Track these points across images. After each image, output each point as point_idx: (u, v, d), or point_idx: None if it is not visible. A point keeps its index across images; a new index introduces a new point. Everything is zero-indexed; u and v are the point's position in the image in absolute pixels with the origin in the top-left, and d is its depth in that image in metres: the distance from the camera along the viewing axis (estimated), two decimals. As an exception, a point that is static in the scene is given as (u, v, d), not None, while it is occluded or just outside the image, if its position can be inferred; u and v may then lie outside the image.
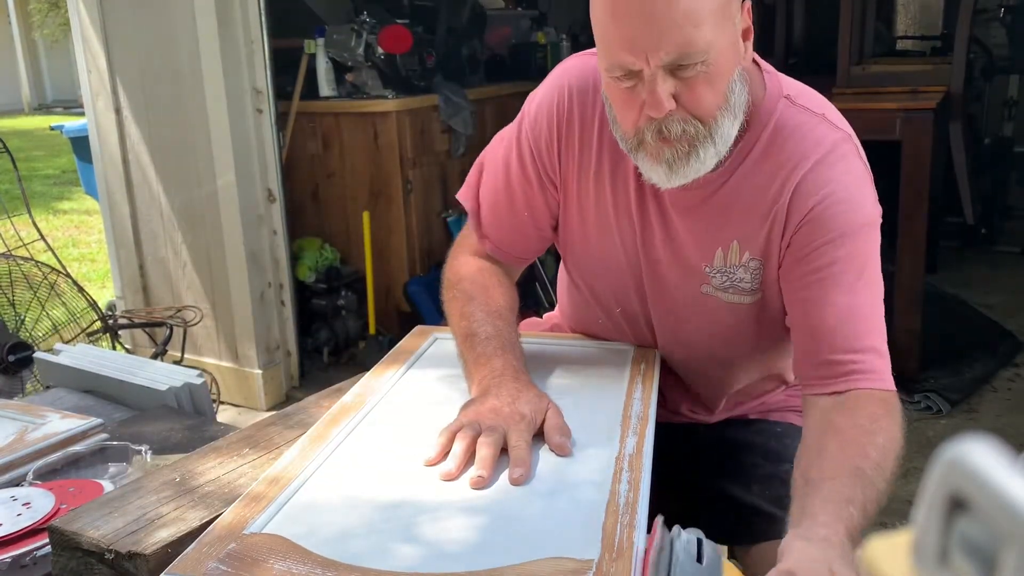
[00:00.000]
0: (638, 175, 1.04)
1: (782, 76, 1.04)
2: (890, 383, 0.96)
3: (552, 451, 0.91)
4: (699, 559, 0.72)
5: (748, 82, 0.97)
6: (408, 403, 1.04)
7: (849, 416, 0.92)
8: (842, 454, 0.88)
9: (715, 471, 1.20)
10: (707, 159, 0.94)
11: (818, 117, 1.01)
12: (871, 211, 0.99)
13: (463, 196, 1.21)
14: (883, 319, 0.99)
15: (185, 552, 0.72)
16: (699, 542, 0.74)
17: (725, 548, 0.85)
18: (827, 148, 0.98)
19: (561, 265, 1.30)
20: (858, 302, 0.96)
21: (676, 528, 0.76)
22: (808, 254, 0.98)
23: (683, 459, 1.18)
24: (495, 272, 1.17)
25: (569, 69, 1.11)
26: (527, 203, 1.14)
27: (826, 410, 0.94)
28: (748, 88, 0.96)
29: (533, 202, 1.14)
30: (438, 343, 1.24)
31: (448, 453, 0.88)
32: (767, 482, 1.14)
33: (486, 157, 1.20)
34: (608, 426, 0.96)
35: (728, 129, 0.94)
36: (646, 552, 0.73)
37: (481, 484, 0.83)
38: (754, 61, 1.02)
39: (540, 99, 1.12)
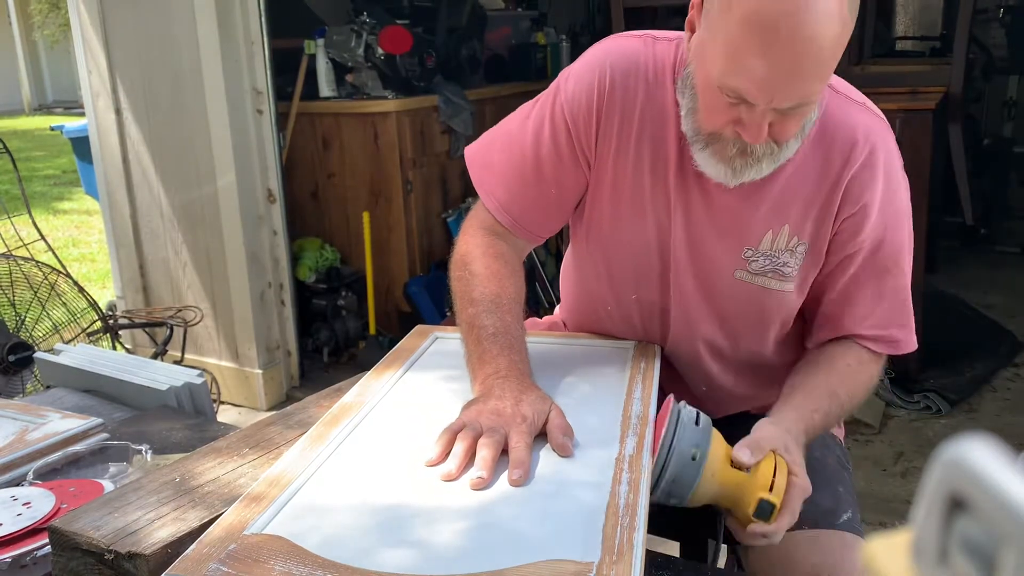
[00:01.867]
0: (680, 159, 1.06)
1: None
2: (899, 349, 1.11)
3: (555, 451, 0.91)
4: (697, 423, 0.92)
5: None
6: (408, 403, 1.04)
7: (844, 356, 1.09)
8: (825, 377, 1.07)
9: None
10: (766, 170, 1.00)
11: (859, 105, 1.07)
12: (907, 200, 1.08)
13: (479, 178, 1.20)
14: (909, 297, 1.11)
15: (186, 553, 0.72)
16: (698, 412, 0.93)
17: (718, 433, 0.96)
18: (875, 141, 1.04)
19: (568, 253, 1.29)
20: (889, 287, 1.08)
21: (682, 402, 0.95)
22: (853, 242, 1.06)
23: None
24: (506, 256, 1.15)
25: (611, 50, 1.10)
26: (556, 179, 1.13)
27: (829, 347, 1.11)
28: None
29: (562, 178, 1.13)
30: (439, 342, 1.24)
31: (449, 453, 0.88)
32: None
33: (501, 135, 1.19)
34: (608, 426, 0.96)
35: (793, 147, 0.99)
36: (657, 420, 0.95)
37: (481, 485, 0.83)
38: None
39: (579, 76, 1.10)
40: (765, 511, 0.88)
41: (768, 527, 0.89)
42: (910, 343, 1.12)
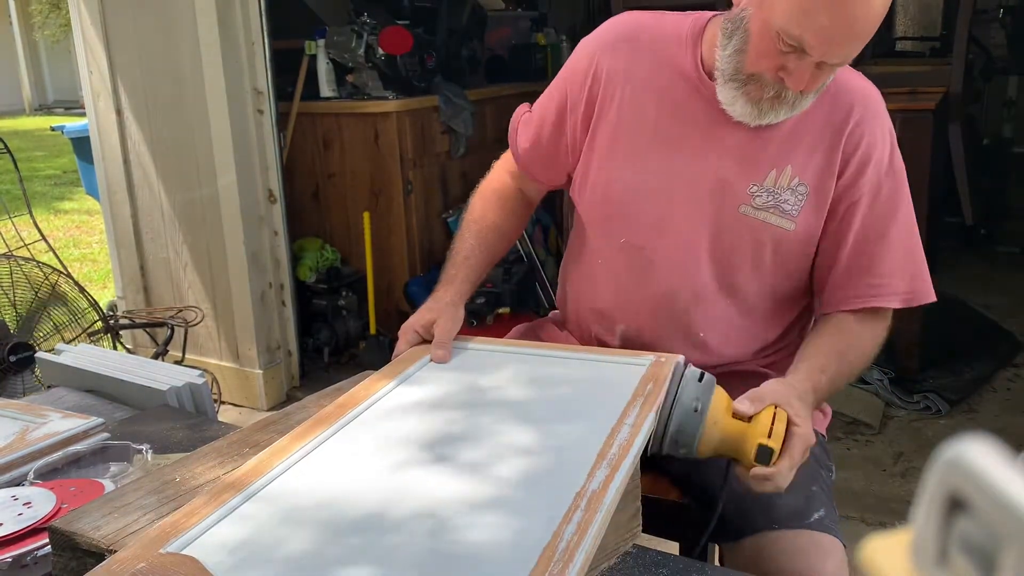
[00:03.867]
0: (692, 106, 1.17)
1: None
2: (901, 301, 1.16)
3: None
4: (700, 380, 0.99)
5: None
6: (383, 421, 1.00)
7: (849, 319, 1.16)
8: (833, 340, 1.14)
9: (689, 465, 1.19)
10: (784, 116, 1.11)
11: (853, 71, 1.19)
12: (899, 158, 1.18)
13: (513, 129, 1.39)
14: (917, 239, 1.18)
15: (94, 569, 0.71)
16: (702, 372, 1.01)
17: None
18: (871, 98, 1.16)
19: (570, 239, 1.38)
20: (893, 234, 1.15)
21: (688, 364, 1.03)
22: (855, 188, 1.14)
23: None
24: (504, 191, 1.39)
25: (618, 20, 1.27)
26: (555, 136, 1.29)
27: (840, 318, 1.17)
28: None
29: (560, 135, 1.29)
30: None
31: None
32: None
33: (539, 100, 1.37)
34: (584, 455, 0.89)
35: (812, 99, 1.10)
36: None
37: None
38: None
39: (583, 45, 1.27)
40: (764, 456, 0.93)
41: (769, 470, 0.94)
42: (926, 293, 1.17)
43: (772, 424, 0.95)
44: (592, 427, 0.95)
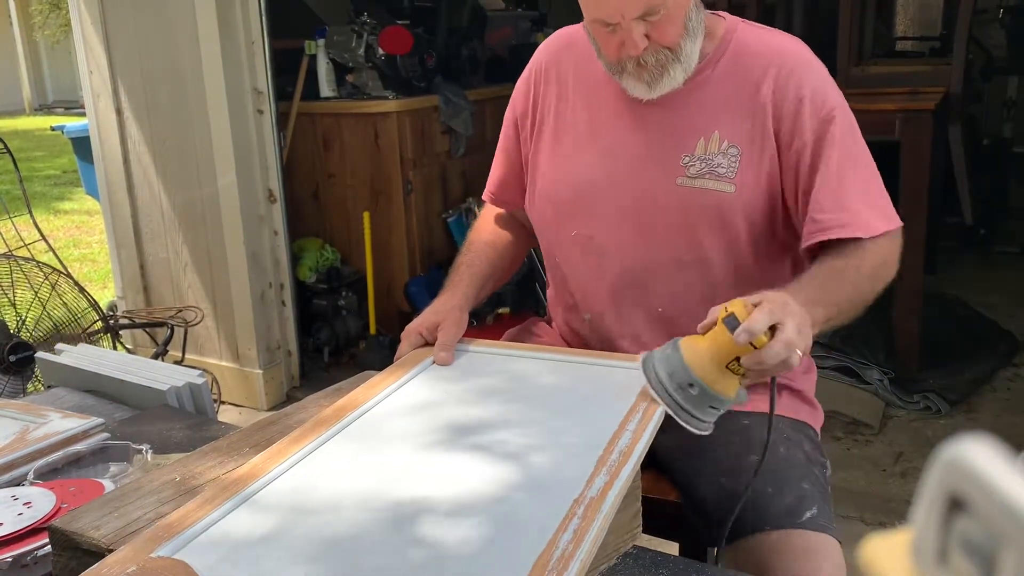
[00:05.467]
0: (614, 99, 1.24)
1: None
2: (881, 227, 1.13)
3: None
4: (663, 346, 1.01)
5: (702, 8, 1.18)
6: (382, 424, 1.00)
7: (845, 253, 1.13)
8: (823, 266, 1.12)
9: (684, 465, 1.18)
10: (676, 75, 1.16)
11: (773, 31, 1.24)
12: (838, 93, 1.19)
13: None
14: (876, 174, 1.18)
15: (85, 572, 0.71)
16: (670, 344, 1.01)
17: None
18: (792, 51, 1.19)
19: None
20: (850, 167, 1.15)
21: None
22: (799, 139, 1.16)
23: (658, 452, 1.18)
24: (500, 217, 1.45)
25: (550, 39, 1.38)
26: (518, 156, 1.38)
27: (825, 256, 1.14)
28: (704, 15, 1.18)
29: (520, 154, 1.37)
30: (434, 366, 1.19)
31: None
32: (735, 474, 1.11)
33: None
34: (584, 461, 0.87)
35: (691, 49, 1.16)
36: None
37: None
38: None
39: (526, 70, 1.38)
40: (731, 322, 0.95)
41: (745, 323, 0.93)
42: (864, 224, 1.13)
43: (725, 309, 0.97)
44: (594, 432, 0.93)
